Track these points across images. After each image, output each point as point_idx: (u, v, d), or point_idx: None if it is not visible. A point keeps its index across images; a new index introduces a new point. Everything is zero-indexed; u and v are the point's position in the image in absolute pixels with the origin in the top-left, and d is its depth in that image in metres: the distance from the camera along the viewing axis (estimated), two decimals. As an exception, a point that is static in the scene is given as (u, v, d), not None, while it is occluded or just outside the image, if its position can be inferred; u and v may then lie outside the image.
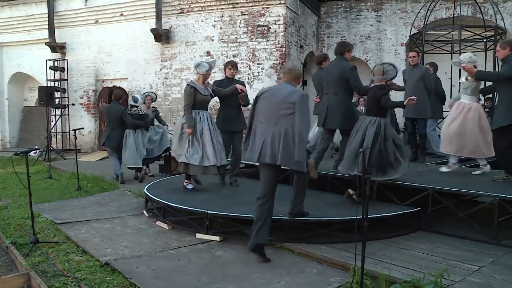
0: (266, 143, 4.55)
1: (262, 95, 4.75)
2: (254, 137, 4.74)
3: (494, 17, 11.23)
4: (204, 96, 6.59)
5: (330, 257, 4.48)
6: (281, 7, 11.98)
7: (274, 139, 4.50)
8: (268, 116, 4.61)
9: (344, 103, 6.43)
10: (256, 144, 4.67)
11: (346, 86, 6.37)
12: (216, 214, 5.29)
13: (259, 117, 4.71)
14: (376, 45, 14.03)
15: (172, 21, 13.45)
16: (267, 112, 4.64)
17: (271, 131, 4.53)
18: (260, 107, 4.74)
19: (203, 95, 6.57)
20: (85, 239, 5.29)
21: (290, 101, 4.50)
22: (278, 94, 4.64)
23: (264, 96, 4.74)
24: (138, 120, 9.02)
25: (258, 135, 4.67)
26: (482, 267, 4.14)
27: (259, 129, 4.69)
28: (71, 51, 15.12)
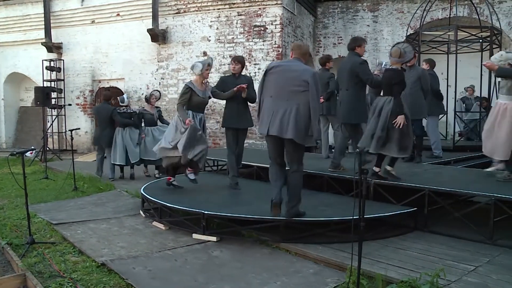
0: (275, 117, 4.67)
1: (273, 69, 4.82)
2: (263, 111, 4.85)
3: (490, 17, 11.25)
4: (200, 98, 6.47)
5: (327, 257, 4.48)
6: (278, 7, 11.99)
7: (285, 114, 4.62)
8: (279, 91, 4.72)
9: (353, 97, 6.42)
10: (265, 117, 4.79)
11: (357, 81, 6.36)
12: (212, 214, 5.28)
13: (269, 91, 4.80)
14: (373, 46, 14.05)
15: (168, 21, 13.45)
16: (277, 87, 4.74)
17: (283, 106, 4.65)
18: (270, 81, 4.82)
19: (199, 97, 6.45)
20: (81, 240, 5.28)
21: (303, 79, 4.61)
22: (290, 70, 4.75)
23: (275, 70, 4.81)
24: (127, 119, 9.25)
25: (266, 109, 4.79)
26: (478, 267, 4.15)
27: (267, 102, 4.80)
28: (67, 51, 15.10)
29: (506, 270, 4.07)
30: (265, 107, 4.82)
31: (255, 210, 5.38)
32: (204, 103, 6.64)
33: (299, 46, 5.03)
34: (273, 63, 5.25)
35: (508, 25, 12.66)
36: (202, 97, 6.49)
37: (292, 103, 4.62)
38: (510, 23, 12.70)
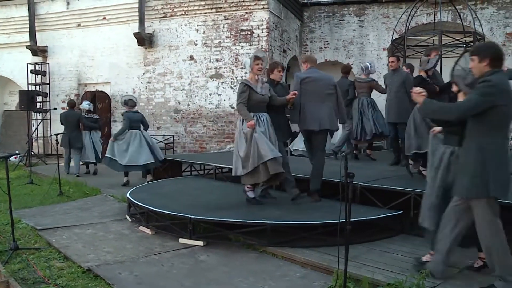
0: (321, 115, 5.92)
1: (307, 79, 6.03)
2: (305, 113, 5.95)
3: (473, 23, 11.42)
4: (260, 96, 5.77)
5: (314, 260, 4.49)
6: (264, 11, 12.03)
7: (325, 113, 5.95)
8: (317, 96, 5.97)
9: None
10: (309, 117, 5.94)
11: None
12: (199, 219, 5.26)
13: (308, 97, 5.94)
14: (359, 50, 14.16)
15: (155, 25, 13.42)
16: (315, 93, 5.97)
17: (323, 107, 5.95)
18: (307, 89, 5.98)
19: (259, 95, 5.74)
20: (66, 245, 5.23)
21: (332, 84, 6.17)
22: (322, 79, 6.14)
23: (309, 80, 6.03)
24: (92, 123, 10.72)
25: (309, 111, 5.95)
26: (464, 269, 4.19)
27: (309, 106, 5.95)
28: (52, 55, 14.98)
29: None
30: (308, 110, 5.95)
31: (242, 214, 5.38)
32: (265, 101, 5.83)
33: (312, 59, 6.42)
34: (302, 74, 6.20)
35: (490, 31, 12.86)
36: (262, 94, 5.79)
37: (329, 104, 6.01)
38: (492, 29, 12.90)
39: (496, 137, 3.51)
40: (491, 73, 3.48)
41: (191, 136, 13.08)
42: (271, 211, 5.60)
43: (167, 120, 13.41)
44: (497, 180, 3.43)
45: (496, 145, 3.50)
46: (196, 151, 12.82)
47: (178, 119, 13.23)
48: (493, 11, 12.95)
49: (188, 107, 13.09)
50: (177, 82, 13.22)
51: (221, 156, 10.28)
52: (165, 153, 12.42)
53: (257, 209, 5.72)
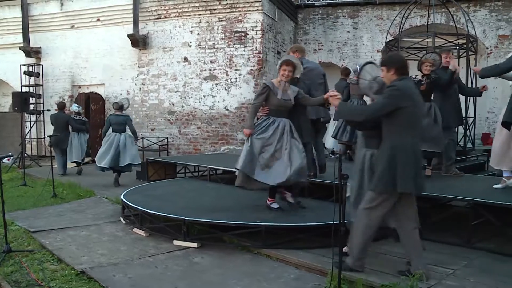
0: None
1: (305, 69, 5.93)
2: None
3: (466, 25, 11.48)
4: (280, 101, 5.43)
5: (308, 262, 4.50)
6: (259, 13, 12.04)
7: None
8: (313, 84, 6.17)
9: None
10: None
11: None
12: (193, 220, 5.26)
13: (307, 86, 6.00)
14: (353, 52, 14.20)
15: (149, 26, 13.40)
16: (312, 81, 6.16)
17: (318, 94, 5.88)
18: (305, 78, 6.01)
19: (278, 99, 5.42)
20: (60, 247, 5.21)
21: (322, 73, 6.60)
22: (315, 68, 6.51)
23: (306, 70, 6.01)
24: (80, 125, 10.93)
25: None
26: (457, 270, 4.21)
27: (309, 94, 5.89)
28: (46, 56, 14.93)
29: (483, 273, 4.14)
30: None
31: (236, 216, 5.38)
32: (285, 106, 5.48)
33: (301, 47, 6.50)
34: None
35: (483, 33, 12.95)
36: (283, 98, 5.44)
37: (321, 93, 5.98)
38: (484, 31, 12.99)
39: (405, 137, 3.85)
40: (398, 80, 3.93)
41: (185, 138, 13.07)
42: (266, 212, 5.60)
43: (161, 121, 13.39)
44: (405, 176, 3.74)
45: (405, 144, 3.84)
46: (190, 153, 12.81)
47: (172, 120, 13.22)
48: (485, 13, 13.03)
49: (182, 108, 13.08)
50: (171, 83, 13.21)
51: (215, 157, 10.28)
52: (159, 154, 12.45)
53: (251, 210, 5.73)
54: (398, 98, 3.83)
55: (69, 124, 10.85)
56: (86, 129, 11.13)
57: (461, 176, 6.63)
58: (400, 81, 3.91)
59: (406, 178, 3.73)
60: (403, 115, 3.83)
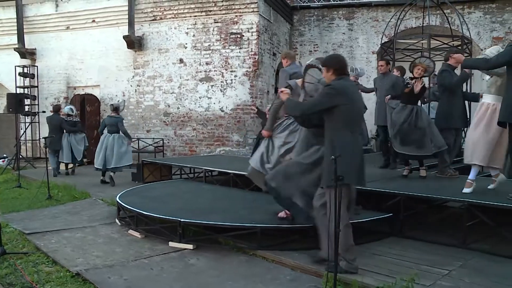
0: None
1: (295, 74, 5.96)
2: None
3: (460, 27, 11.53)
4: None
5: (304, 264, 4.50)
6: (254, 15, 12.04)
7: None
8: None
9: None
10: None
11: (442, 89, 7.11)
12: (189, 222, 5.25)
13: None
14: (348, 53, 14.21)
15: (144, 28, 13.38)
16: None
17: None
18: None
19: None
20: (55, 249, 5.19)
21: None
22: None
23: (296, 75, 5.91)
24: (72, 126, 11.21)
25: None
26: (452, 271, 4.23)
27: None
28: (41, 57, 14.87)
29: (478, 274, 4.16)
30: None
31: (232, 218, 5.38)
32: None
33: (290, 54, 6.57)
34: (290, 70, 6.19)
35: (478, 35, 13.00)
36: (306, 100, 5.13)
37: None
38: (479, 33, 13.04)
39: (344, 132, 4.14)
40: (337, 80, 4.23)
41: (181, 139, 13.05)
42: (261, 214, 5.60)
43: (157, 123, 13.37)
44: (345, 170, 3.74)
45: (343, 139, 4.11)
46: (186, 154, 12.79)
47: (168, 122, 13.20)
48: (480, 15, 13.09)
49: (178, 110, 13.06)
50: (167, 85, 13.18)
51: (211, 159, 10.28)
52: (154, 156, 12.43)
53: (246, 212, 5.73)
54: (333, 96, 4.13)
55: (61, 126, 11.13)
56: (78, 130, 11.36)
57: (457, 178, 6.64)
58: (338, 80, 4.21)
59: (346, 172, 3.77)
60: (340, 113, 4.11)
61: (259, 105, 11.66)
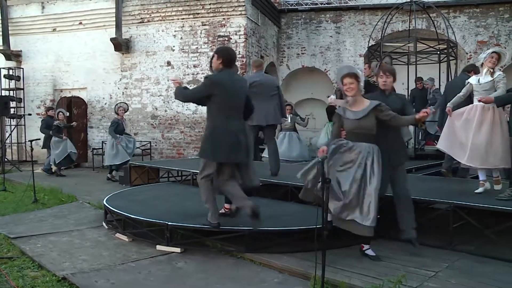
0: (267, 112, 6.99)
1: (255, 83, 6.84)
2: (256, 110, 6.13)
3: (446, 31, 11.66)
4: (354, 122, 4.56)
5: (291, 266, 4.51)
6: (242, 17, 12.06)
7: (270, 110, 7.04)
8: (263, 97, 6.89)
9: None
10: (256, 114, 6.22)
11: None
12: (176, 225, 5.24)
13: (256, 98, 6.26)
14: (336, 56, 14.31)
15: (132, 30, 13.33)
16: (262, 94, 6.87)
17: (268, 106, 7.01)
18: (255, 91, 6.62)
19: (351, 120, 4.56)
20: (41, 254, 5.14)
21: (275, 86, 7.32)
22: (267, 82, 7.19)
23: (256, 83, 6.88)
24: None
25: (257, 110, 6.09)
26: (439, 272, 4.26)
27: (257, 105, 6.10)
28: (27, 60, 14.74)
29: (464, 275, 4.19)
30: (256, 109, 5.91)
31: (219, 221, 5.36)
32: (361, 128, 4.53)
33: (257, 62, 7.48)
34: (251, 78, 7.05)
35: (463, 39, 13.16)
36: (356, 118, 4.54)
37: (273, 102, 7.08)
38: (464, 37, 13.21)
39: (218, 118, 4.84)
40: (219, 71, 4.92)
41: (168, 142, 13.01)
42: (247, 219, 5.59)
43: (144, 126, 13.32)
44: (217, 149, 4.78)
45: (216, 123, 4.85)
46: (173, 157, 12.75)
47: (155, 125, 13.15)
48: (464, 20, 13.26)
49: (165, 113, 13.03)
50: (154, 88, 13.15)
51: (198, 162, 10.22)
52: (142, 159, 12.37)
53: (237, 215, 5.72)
54: (208, 86, 4.84)
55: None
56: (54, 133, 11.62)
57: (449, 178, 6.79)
58: (219, 72, 4.92)
59: (220, 151, 4.77)
60: (215, 101, 4.81)
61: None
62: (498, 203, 4.97)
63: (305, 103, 15.45)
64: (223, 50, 5.10)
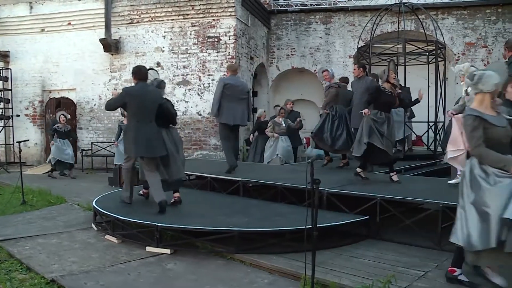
0: (236, 113, 7.70)
1: (228, 85, 7.61)
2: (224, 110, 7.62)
3: (434, 32, 11.74)
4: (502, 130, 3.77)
5: (281, 267, 4.52)
6: (232, 18, 12.06)
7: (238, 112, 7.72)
8: (234, 99, 7.64)
9: None
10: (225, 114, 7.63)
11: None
12: (166, 226, 5.22)
13: (227, 99, 7.59)
14: (325, 57, 14.36)
15: (121, 31, 13.27)
16: (233, 96, 7.62)
17: (238, 107, 7.73)
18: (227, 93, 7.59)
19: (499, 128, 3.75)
20: (29, 256, 5.09)
21: (246, 91, 7.95)
22: (239, 86, 7.82)
23: (229, 86, 7.63)
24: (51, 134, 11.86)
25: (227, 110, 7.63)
26: (428, 272, 4.29)
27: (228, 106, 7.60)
28: (15, 60, 14.60)
29: (453, 275, 4.22)
30: (227, 109, 7.60)
31: (209, 222, 5.37)
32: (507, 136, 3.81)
33: (232, 66, 8.21)
34: (225, 80, 7.76)
35: (451, 40, 13.27)
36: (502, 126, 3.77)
37: (242, 105, 7.76)
38: (452, 38, 13.32)
39: (131, 121, 6.03)
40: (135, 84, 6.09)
41: (158, 143, 12.94)
42: (239, 217, 5.61)
43: (134, 127, 13.23)
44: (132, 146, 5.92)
45: (130, 125, 6.07)
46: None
47: (145, 126, 13.08)
48: (453, 21, 13.37)
49: (155, 114, 12.95)
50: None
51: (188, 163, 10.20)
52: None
53: (224, 216, 5.73)
54: (123, 96, 5.98)
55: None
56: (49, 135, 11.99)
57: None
58: (135, 85, 6.06)
59: (130, 147, 6.02)
60: (130, 108, 5.96)
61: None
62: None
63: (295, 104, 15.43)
64: (136, 68, 6.22)
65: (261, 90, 15.15)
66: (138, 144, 5.82)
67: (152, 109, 5.98)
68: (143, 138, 5.81)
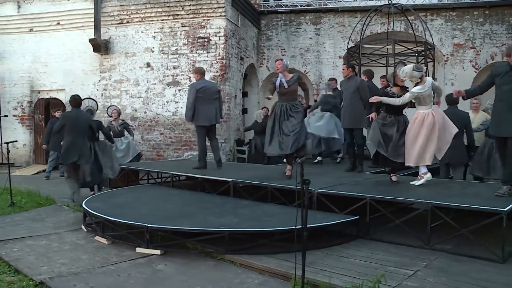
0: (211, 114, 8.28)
1: (201, 88, 8.22)
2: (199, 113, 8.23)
3: (423, 33, 11.83)
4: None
5: (272, 267, 4.52)
6: (222, 19, 12.05)
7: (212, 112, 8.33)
8: (207, 100, 8.24)
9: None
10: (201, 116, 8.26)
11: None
12: (156, 227, 5.20)
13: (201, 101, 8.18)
14: (315, 58, 14.40)
15: (111, 31, 13.20)
16: (206, 98, 8.21)
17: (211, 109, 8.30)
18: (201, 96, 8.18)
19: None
20: (17, 258, 5.05)
21: (217, 91, 8.58)
22: (210, 87, 8.43)
23: (203, 89, 8.23)
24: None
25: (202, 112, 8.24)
26: (417, 271, 4.32)
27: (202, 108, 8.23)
28: (3, 60, 14.45)
29: (442, 273, 4.26)
30: (201, 111, 8.22)
31: (199, 222, 5.36)
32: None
33: (200, 70, 8.74)
34: (197, 85, 8.30)
35: (440, 41, 13.36)
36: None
37: (214, 105, 8.36)
38: (441, 39, 13.41)
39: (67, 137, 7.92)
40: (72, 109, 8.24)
41: (148, 144, 12.91)
42: (229, 218, 5.60)
43: (124, 127, 13.18)
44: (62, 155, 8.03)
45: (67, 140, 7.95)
46: (153, 159, 12.66)
47: (135, 126, 13.03)
48: (441, 22, 13.47)
49: (145, 114, 12.93)
50: (134, 89, 13.04)
51: (178, 164, 10.21)
52: (121, 161, 12.24)
53: (214, 216, 5.72)
54: (62, 119, 8.12)
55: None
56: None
57: None
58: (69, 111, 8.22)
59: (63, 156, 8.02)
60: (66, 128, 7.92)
61: (226, 110, 11.66)
62: (475, 203, 5.06)
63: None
64: (72, 97, 8.17)
65: (251, 91, 15.15)
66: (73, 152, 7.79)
67: (83, 129, 7.95)
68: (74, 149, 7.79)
